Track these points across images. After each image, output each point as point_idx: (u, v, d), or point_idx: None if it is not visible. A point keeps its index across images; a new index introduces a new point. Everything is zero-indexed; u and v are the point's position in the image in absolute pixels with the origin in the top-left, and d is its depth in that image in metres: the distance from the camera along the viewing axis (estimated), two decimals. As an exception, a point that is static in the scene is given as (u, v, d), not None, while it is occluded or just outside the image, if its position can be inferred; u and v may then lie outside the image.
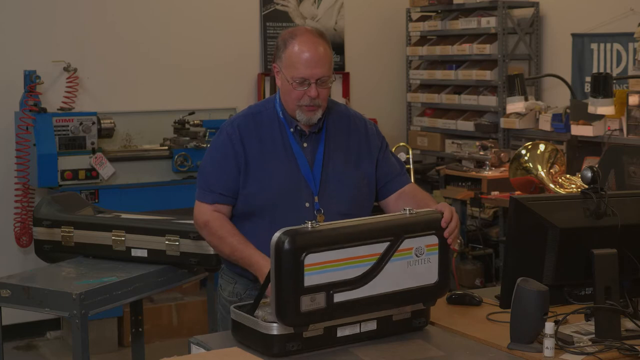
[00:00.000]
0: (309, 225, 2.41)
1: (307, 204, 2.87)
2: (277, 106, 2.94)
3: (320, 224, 2.46)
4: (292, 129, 2.90)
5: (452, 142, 6.70)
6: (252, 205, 2.87)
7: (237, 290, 2.95)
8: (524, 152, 5.04)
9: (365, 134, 3.01)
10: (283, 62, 2.83)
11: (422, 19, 7.02)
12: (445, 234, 2.62)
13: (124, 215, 4.16)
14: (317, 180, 2.88)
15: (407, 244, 2.53)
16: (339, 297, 2.43)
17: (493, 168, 5.92)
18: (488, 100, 6.42)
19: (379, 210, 2.97)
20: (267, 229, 2.81)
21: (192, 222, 3.91)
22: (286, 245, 2.34)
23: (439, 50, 6.78)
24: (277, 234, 2.37)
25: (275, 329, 2.41)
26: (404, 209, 2.60)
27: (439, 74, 6.82)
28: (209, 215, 2.90)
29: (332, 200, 2.89)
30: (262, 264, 2.72)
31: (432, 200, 2.94)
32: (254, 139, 2.88)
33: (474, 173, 5.96)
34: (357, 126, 3.01)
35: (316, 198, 2.88)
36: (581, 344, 2.51)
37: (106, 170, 5.57)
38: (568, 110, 5.68)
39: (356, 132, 3.00)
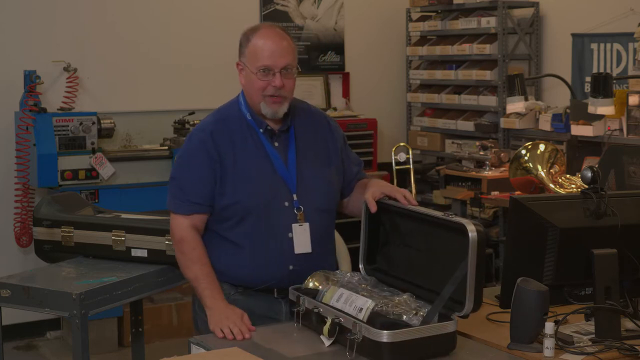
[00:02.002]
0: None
1: (286, 203, 2.87)
2: (242, 109, 2.93)
3: None
4: (261, 130, 2.90)
5: (452, 142, 6.69)
6: (232, 211, 2.85)
7: None
8: (524, 152, 5.03)
9: (329, 129, 3.05)
10: (247, 56, 2.84)
11: (422, 19, 7.02)
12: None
13: (124, 215, 4.15)
14: (294, 178, 2.89)
15: None
16: None
17: (493, 168, 5.91)
18: (488, 100, 6.42)
19: None
20: (249, 232, 2.84)
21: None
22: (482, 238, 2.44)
23: (439, 50, 6.78)
24: (473, 233, 2.42)
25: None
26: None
27: (439, 74, 6.81)
28: (185, 231, 2.87)
29: (309, 196, 2.90)
30: (215, 305, 2.75)
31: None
32: (228, 145, 2.86)
33: (474, 173, 5.96)
34: (321, 122, 3.05)
35: (295, 196, 2.88)
36: (581, 344, 2.51)
37: (106, 170, 5.57)
38: (568, 110, 5.68)
39: (321, 128, 3.03)
